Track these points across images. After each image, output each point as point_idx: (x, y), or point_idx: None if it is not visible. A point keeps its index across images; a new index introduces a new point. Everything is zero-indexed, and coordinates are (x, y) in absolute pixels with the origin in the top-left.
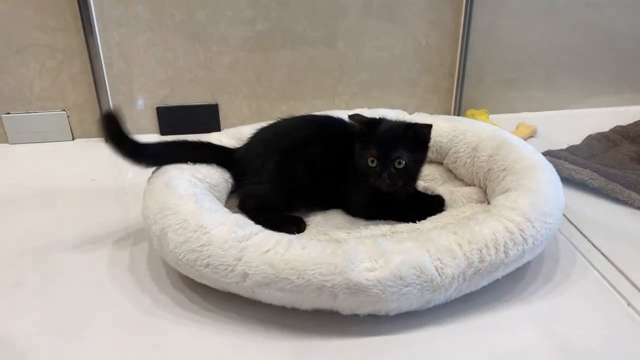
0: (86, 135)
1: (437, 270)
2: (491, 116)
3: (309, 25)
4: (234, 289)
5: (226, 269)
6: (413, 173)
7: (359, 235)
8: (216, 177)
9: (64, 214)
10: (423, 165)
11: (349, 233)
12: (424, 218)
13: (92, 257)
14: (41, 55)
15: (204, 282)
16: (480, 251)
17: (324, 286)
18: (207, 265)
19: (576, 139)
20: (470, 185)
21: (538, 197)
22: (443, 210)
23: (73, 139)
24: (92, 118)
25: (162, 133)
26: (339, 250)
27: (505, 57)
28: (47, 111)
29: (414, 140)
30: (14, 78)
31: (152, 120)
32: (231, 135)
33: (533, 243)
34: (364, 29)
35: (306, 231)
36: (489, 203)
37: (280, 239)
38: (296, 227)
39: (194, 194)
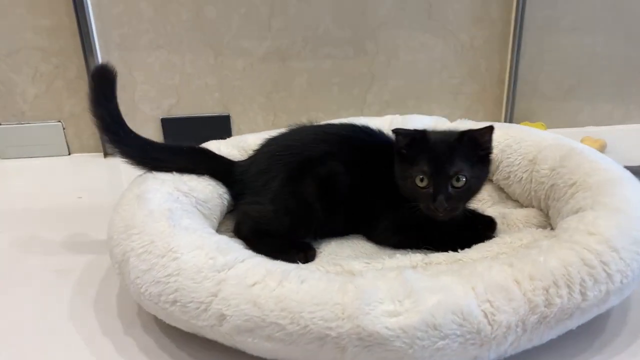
0: (84, 149)
1: (486, 316)
2: (550, 130)
3: (333, 23)
4: (209, 334)
5: (198, 308)
6: (474, 193)
7: (381, 266)
8: (207, 191)
9: (37, 234)
10: (484, 183)
11: (367, 263)
12: (469, 246)
13: (55, 286)
14: (34, 59)
15: (173, 323)
16: (547, 291)
17: (327, 335)
18: (173, 302)
19: None
20: (527, 206)
21: (626, 219)
22: (493, 236)
23: (69, 154)
24: (90, 130)
25: None
26: (349, 285)
27: (565, 60)
28: (41, 122)
29: (473, 149)
30: (5, 85)
31: (156, 132)
32: (233, 144)
33: (621, 281)
34: (398, 27)
35: (315, 260)
36: (552, 229)
37: (273, 268)
38: (302, 255)
39: (170, 209)
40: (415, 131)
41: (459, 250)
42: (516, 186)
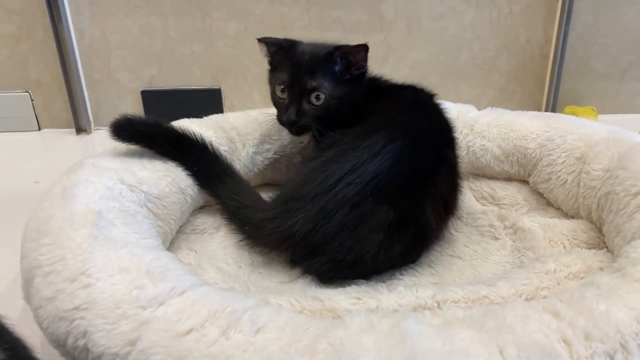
0: (55, 124)
1: None
2: (601, 117)
3: None
4: None
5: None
6: (334, 114)
7: (376, 304)
8: (164, 183)
9: None
10: (352, 106)
11: (358, 299)
12: None
13: None
14: None
15: None
16: (612, 357)
17: None
18: (84, 349)
19: None
20: (573, 217)
21: None
22: None
23: (39, 129)
24: (62, 102)
25: None
26: (322, 341)
27: (625, 32)
28: (6, 92)
29: (344, 68)
30: None
31: (135, 106)
32: (211, 125)
33: None
34: None
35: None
36: (607, 250)
37: (221, 307)
38: None
39: (100, 210)
40: (284, 40)
41: None
42: (559, 191)
